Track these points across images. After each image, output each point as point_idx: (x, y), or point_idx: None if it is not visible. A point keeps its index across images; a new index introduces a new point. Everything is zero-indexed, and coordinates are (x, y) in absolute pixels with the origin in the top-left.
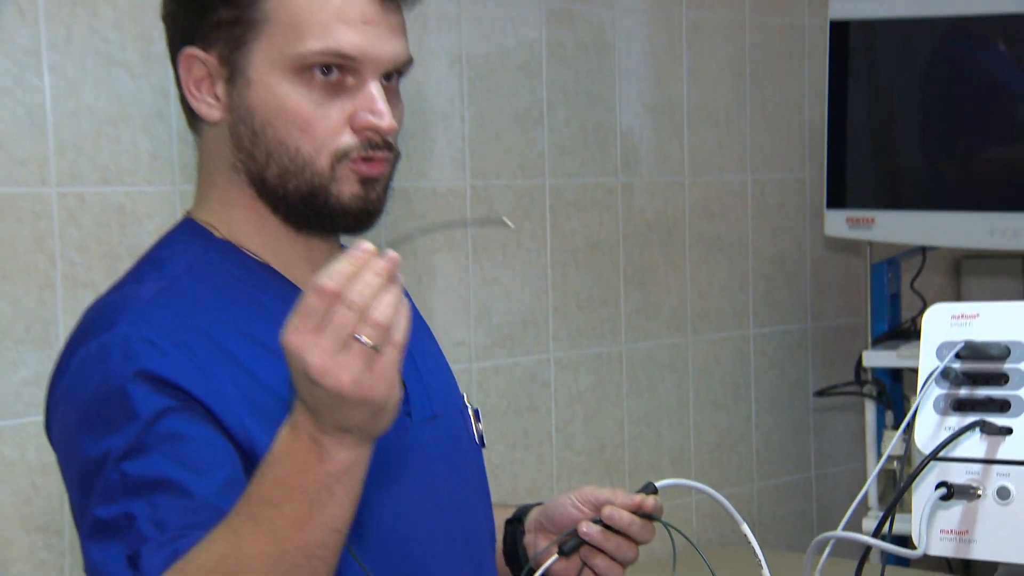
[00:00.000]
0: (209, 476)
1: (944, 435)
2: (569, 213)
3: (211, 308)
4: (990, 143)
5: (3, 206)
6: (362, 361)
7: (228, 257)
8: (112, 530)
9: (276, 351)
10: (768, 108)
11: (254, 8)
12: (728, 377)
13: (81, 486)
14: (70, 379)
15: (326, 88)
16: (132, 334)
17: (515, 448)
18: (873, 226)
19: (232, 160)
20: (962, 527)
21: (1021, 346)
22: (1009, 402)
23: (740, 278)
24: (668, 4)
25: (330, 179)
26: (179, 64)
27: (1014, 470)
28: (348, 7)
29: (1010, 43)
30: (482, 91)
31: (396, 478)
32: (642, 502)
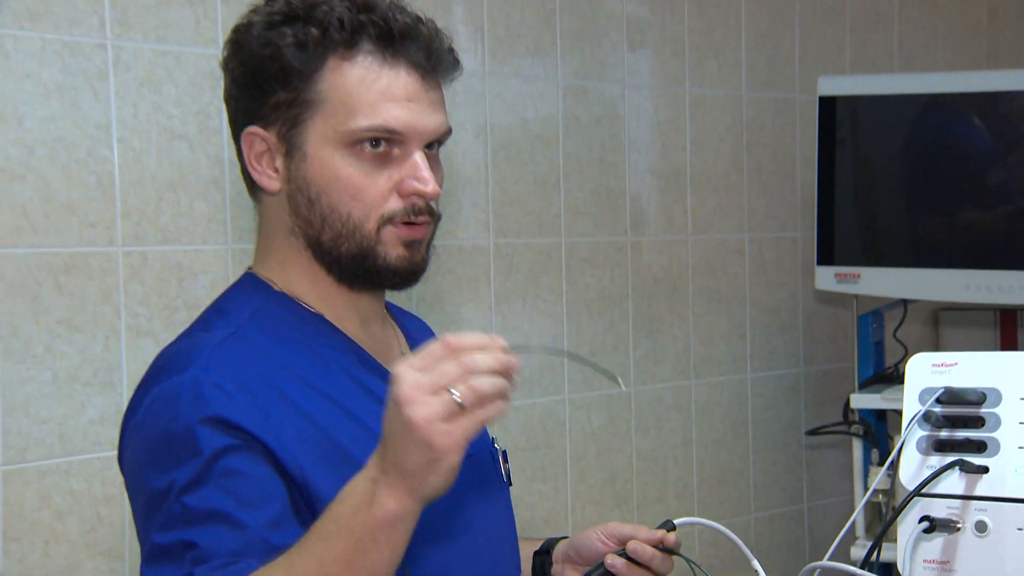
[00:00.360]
0: (261, 510)
1: (926, 473)
2: (583, 268)
3: (271, 355)
4: (965, 207)
5: (75, 263)
6: (444, 409)
7: (286, 309)
8: (169, 555)
9: (329, 395)
10: (763, 174)
11: (309, 90)
12: (728, 417)
13: (146, 514)
14: (142, 415)
15: (375, 159)
16: (202, 378)
17: (533, 480)
18: (859, 281)
19: (290, 225)
20: (943, 557)
21: (996, 392)
22: (986, 443)
23: (739, 327)
24: (672, 81)
25: (376, 241)
26: (241, 141)
27: (991, 506)
28: (394, 87)
29: (982, 117)
30: (504, 159)
31: (435, 514)
32: (663, 538)
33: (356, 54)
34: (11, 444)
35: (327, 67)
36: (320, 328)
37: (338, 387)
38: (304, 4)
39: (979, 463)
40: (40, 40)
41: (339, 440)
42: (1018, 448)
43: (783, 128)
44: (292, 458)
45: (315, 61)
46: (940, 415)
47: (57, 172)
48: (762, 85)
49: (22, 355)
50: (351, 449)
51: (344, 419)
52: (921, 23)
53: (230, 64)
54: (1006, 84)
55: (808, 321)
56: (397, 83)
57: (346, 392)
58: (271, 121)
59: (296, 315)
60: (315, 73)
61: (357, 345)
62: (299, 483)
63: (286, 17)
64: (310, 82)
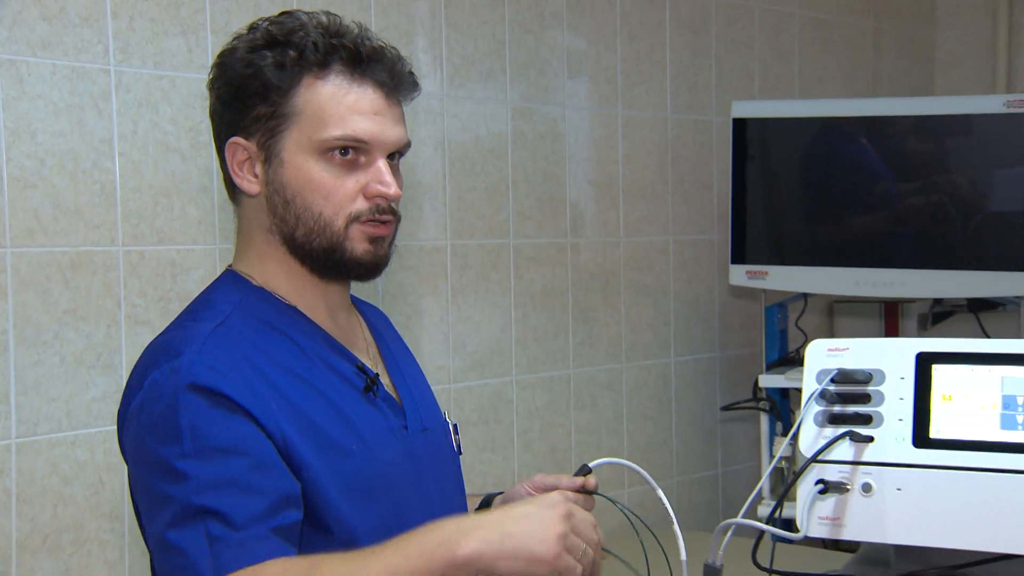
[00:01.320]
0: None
1: (821, 443)
2: (528, 266)
3: (255, 342)
4: (855, 214)
5: (80, 261)
6: (576, 549)
7: (264, 301)
8: (189, 520)
9: (303, 377)
10: (685, 185)
11: (287, 104)
12: (654, 395)
13: (154, 488)
14: (142, 398)
15: (343, 165)
16: (197, 361)
17: (484, 451)
18: (766, 277)
19: (268, 224)
20: (835, 515)
21: (880, 373)
22: (871, 417)
23: (663, 317)
24: (606, 104)
25: (344, 237)
26: (225, 150)
27: (875, 470)
28: (361, 102)
29: (870, 138)
30: (460, 170)
31: (397, 479)
32: (584, 482)
33: (328, 73)
34: (24, 419)
35: (303, 84)
36: (294, 318)
37: (311, 370)
38: (283, 31)
39: (866, 433)
40: (51, 65)
41: (311, 416)
42: (898, 420)
43: (702, 145)
44: (276, 427)
45: (292, 79)
46: (834, 393)
47: (65, 180)
48: (684, 108)
49: (33, 341)
50: (321, 422)
51: (316, 397)
52: (817, 57)
53: (216, 83)
54: (889, 110)
55: (723, 312)
56: (364, 99)
57: (317, 374)
58: (252, 132)
59: (273, 307)
60: (292, 89)
61: (326, 332)
62: (281, 450)
63: (267, 42)
64: (287, 97)
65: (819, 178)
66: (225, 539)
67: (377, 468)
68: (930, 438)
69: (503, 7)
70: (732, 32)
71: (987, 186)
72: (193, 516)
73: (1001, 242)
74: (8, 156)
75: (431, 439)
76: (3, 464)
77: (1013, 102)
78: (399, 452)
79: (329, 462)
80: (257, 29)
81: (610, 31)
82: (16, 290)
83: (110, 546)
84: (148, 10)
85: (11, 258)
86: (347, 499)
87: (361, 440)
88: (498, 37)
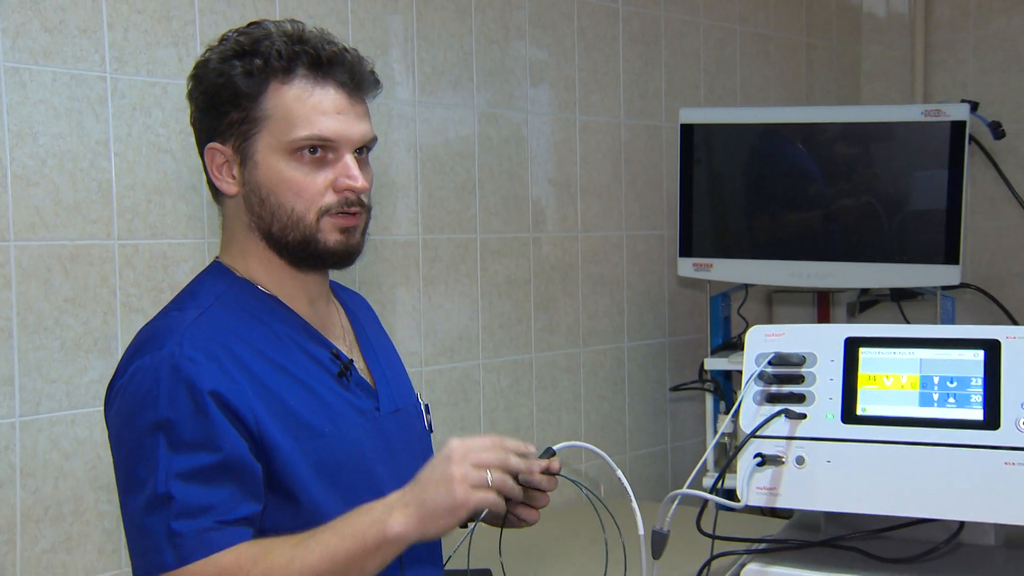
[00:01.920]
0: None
1: (760, 419)
2: (494, 258)
3: (234, 330)
4: (790, 212)
5: (79, 253)
6: (478, 479)
7: (246, 291)
8: (157, 506)
9: (278, 363)
10: (637, 184)
11: (257, 109)
12: (609, 377)
13: (129, 468)
14: (126, 380)
15: (312, 163)
16: (177, 353)
17: (453, 430)
18: (711, 269)
19: (247, 221)
20: (772, 485)
21: (813, 356)
22: (805, 395)
23: (618, 306)
24: (565, 110)
25: (316, 230)
26: (205, 155)
27: (808, 444)
28: (324, 103)
29: (804, 143)
30: (431, 170)
31: (367, 456)
32: (548, 464)
33: (293, 78)
34: (27, 399)
35: (270, 89)
36: (274, 307)
37: (287, 356)
38: (250, 40)
39: (799, 411)
40: (52, 73)
41: (285, 399)
42: (828, 399)
43: (652, 148)
44: (249, 411)
45: (260, 85)
46: (771, 374)
47: (65, 179)
48: (636, 114)
49: (35, 327)
50: (294, 405)
51: (290, 382)
52: (757, 69)
53: (193, 94)
54: (821, 117)
55: (671, 301)
56: (327, 99)
57: (292, 359)
58: (227, 137)
59: (254, 297)
60: (260, 95)
61: (304, 320)
62: (254, 433)
63: (236, 52)
64: (257, 103)
65: (759, 179)
66: (185, 530)
67: (346, 447)
68: (857, 415)
69: (470, 21)
70: (680, 45)
71: (907, 187)
72: (161, 504)
73: (920, 238)
74: (12, 156)
75: (402, 419)
76: (7, 440)
77: (930, 111)
78: (370, 432)
79: (300, 442)
80: (227, 40)
81: (568, 43)
82: (19, 280)
83: (107, 516)
84: (142, 22)
85: (14, 251)
86: (315, 475)
87: (332, 421)
88: (466, 48)
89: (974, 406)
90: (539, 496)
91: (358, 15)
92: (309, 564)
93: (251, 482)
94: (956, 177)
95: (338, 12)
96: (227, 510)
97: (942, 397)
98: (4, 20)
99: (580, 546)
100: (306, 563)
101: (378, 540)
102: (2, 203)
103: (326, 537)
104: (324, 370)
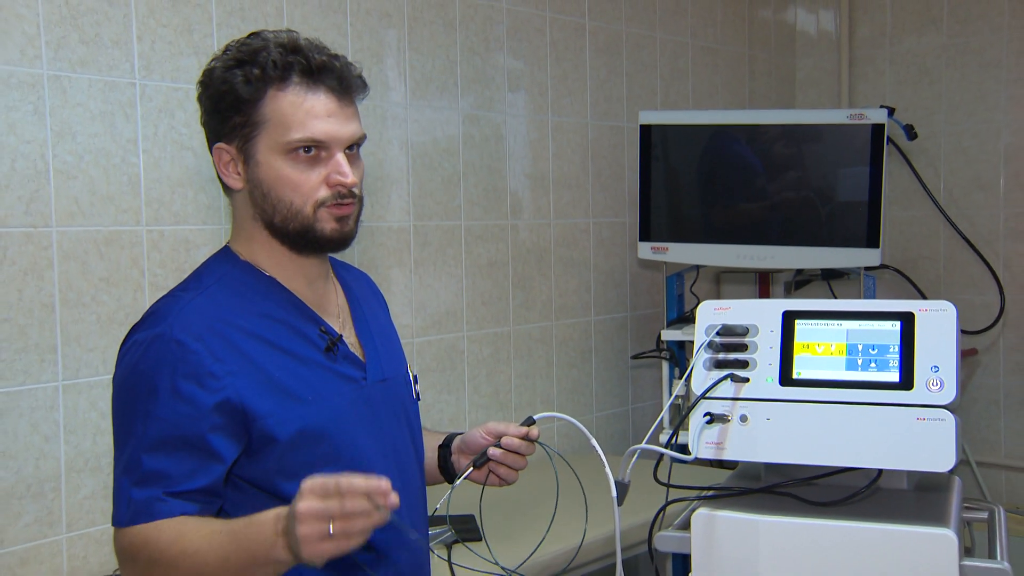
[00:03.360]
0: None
1: (709, 383)
2: (477, 243)
3: (229, 308)
4: (736, 202)
5: (112, 238)
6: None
7: (246, 273)
8: (132, 470)
9: (266, 338)
10: (602, 178)
11: (256, 114)
12: (577, 347)
13: (119, 425)
14: (125, 351)
15: (308, 161)
16: (167, 335)
17: (440, 393)
18: (667, 252)
19: (252, 212)
20: (719, 440)
21: (755, 327)
22: (747, 362)
23: (585, 284)
24: (539, 112)
25: (314, 220)
26: (213, 154)
27: (750, 404)
28: (316, 107)
29: (749, 142)
30: (421, 165)
31: (351, 421)
32: (528, 431)
33: (288, 85)
34: (68, 366)
35: (267, 96)
36: (271, 288)
37: (276, 331)
38: (249, 51)
39: (743, 375)
40: (88, 80)
41: (270, 371)
42: (768, 365)
43: (615, 146)
44: (232, 387)
45: (258, 92)
46: (718, 343)
47: (99, 173)
48: (601, 116)
49: (75, 303)
50: (279, 376)
51: (278, 355)
52: (706, 76)
53: (202, 99)
54: (762, 119)
55: (632, 280)
56: (319, 104)
57: (282, 334)
58: (232, 138)
59: (254, 278)
60: (259, 101)
61: (299, 299)
62: (237, 406)
63: (237, 62)
64: (256, 108)
65: (708, 173)
66: (138, 496)
67: (330, 413)
68: (793, 378)
69: (455, 34)
70: (639, 56)
71: (835, 181)
72: (130, 468)
73: (846, 225)
74: (54, 153)
75: (389, 388)
76: (52, 402)
77: (854, 115)
78: (355, 400)
79: (285, 409)
80: (230, 50)
81: (542, 54)
82: (60, 262)
83: None
84: (167, 35)
85: (56, 236)
86: (301, 435)
87: (315, 390)
88: (451, 58)
89: (892, 370)
90: (517, 459)
91: (356, 28)
92: (208, 563)
93: (209, 458)
94: (876, 172)
95: (339, 26)
96: (178, 481)
97: (865, 362)
98: (47, 34)
99: (546, 499)
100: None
101: (266, 558)
102: (45, 194)
103: (226, 540)
104: (312, 344)
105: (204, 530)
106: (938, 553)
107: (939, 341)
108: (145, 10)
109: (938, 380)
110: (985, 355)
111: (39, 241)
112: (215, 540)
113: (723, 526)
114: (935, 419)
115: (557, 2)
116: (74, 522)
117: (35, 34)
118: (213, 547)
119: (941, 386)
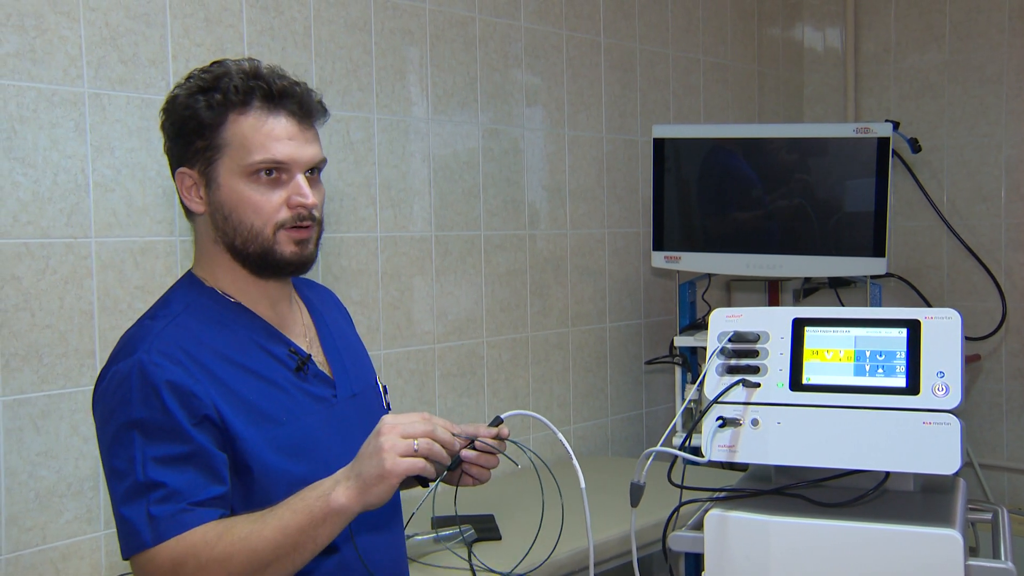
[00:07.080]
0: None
1: (721, 388)
2: (496, 252)
3: (199, 336)
4: (746, 213)
5: (147, 248)
6: (404, 448)
7: (212, 299)
8: (137, 493)
9: (239, 362)
10: (617, 189)
11: (218, 137)
12: (593, 353)
13: (111, 457)
14: (105, 385)
15: (268, 183)
16: (145, 360)
17: (461, 397)
18: (679, 261)
19: (214, 236)
20: (731, 443)
21: (766, 334)
22: (759, 368)
23: (601, 292)
24: (556, 126)
25: (273, 242)
26: (176, 179)
27: (761, 409)
28: (277, 130)
29: (745, 155)
30: (442, 177)
31: (324, 438)
32: (499, 431)
33: (249, 109)
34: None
35: (229, 120)
36: (237, 313)
37: (247, 355)
38: (212, 77)
39: (754, 381)
40: (126, 97)
41: (244, 394)
42: (779, 370)
43: (629, 158)
44: (211, 404)
45: (220, 116)
46: (730, 349)
47: (136, 186)
48: (615, 130)
49: (112, 310)
50: (253, 399)
51: (250, 378)
52: (717, 92)
53: (165, 125)
54: (773, 133)
55: (646, 288)
56: (279, 127)
57: (253, 358)
58: (194, 162)
59: (220, 304)
60: (221, 125)
61: (265, 322)
62: (218, 424)
63: (199, 88)
64: (218, 132)
65: (720, 185)
66: (161, 513)
67: (304, 431)
68: (802, 383)
69: (476, 51)
70: (652, 72)
71: (842, 192)
72: (140, 491)
73: (853, 235)
74: (93, 167)
75: (360, 402)
76: (91, 404)
77: (860, 129)
78: (327, 418)
79: (262, 431)
80: (192, 78)
81: (558, 71)
82: (99, 271)
83: None
84: (200, 54)
85: (95, 246)
86: (276, 457)
87: (289, 411)
88: (471, 74)
89: (898, 375)
90: (489, 458)
91: (381, 46)
92: (265, 537)
93: (216, 467)
94: (882, 184)
95: (363, 44)
96: (195, 493)
97: (872, 368)
98: (89, 54)
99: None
100: (263, 536)
101: (325, 512)
102: (85, 206)
103: (280, 511)
104: (283, 365)
105: (247, 518)
106: (944, 553)
107: (944, 348)
108: (180, 31)
109: (943, 385)
110: (988, 361)
111: (79, 251)
112: (266, 518)
113: (735, 526)
114: (941, 423)
115: (573, 20)
116: (112, 519)
117: (77, 55)
118: (267, 522)
119: (946, 391)
